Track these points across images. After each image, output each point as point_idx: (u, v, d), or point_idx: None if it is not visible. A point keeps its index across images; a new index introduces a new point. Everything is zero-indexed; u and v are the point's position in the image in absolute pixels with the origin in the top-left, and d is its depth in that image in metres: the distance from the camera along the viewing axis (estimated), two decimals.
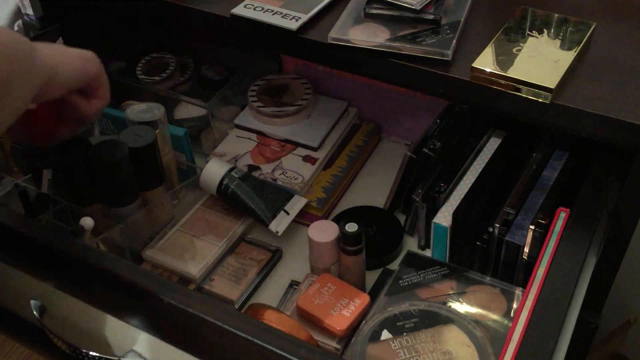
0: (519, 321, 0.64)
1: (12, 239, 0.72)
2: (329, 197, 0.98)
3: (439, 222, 0.84)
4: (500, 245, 0.81)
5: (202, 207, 0.98)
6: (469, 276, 0.83)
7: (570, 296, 0.65)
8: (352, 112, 1.10)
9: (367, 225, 0.94)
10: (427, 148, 0.90)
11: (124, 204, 0.86)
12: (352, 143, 1.07)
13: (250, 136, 1.06)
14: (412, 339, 0.75)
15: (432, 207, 0.86)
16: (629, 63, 0.77)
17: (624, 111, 0.70)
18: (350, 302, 0.79)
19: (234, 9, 0.87)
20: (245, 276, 0.90)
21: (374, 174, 1.06)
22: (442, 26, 0.82)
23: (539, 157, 0.88)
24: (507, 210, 0.81)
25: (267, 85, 1.11)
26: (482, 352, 0.73)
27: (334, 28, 0.82)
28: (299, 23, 0.83)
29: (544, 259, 0.70)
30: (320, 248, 0.83)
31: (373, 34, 0.81)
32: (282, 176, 0.99)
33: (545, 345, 0.60)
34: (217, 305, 0.63)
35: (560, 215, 0.75)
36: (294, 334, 0.71)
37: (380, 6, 0.84)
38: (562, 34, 0.80)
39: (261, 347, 0.59)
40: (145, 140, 0.85)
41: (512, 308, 0.78)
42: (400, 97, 1.05)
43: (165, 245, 0.92)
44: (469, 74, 0.76)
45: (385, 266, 0.91)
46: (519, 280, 0.82)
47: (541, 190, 0.84)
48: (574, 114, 0.72)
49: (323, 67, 1.09)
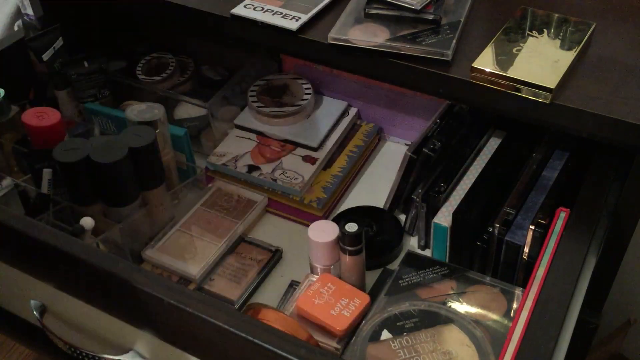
0: (519, 321, 0.64)
1: (12, 239, 0.72)
2: (329, 197, 0.98)
3: (439, 222, 0.84)
4: (500, 245, 0.81)
5: (202, 207, 0.98)
6: (469, 276, 0.83)
7: (570, 296, 0.65)
8: (352, 112, 1.10)
9: (367, 225, 0.94)
10: (427, 148, 0.90)
11: (124, 204, 0.86)
12: (352, 143, 1.07)
13: (250, 136, 1.06)
14: (412, 339, 0.75)
15: (432, 207, 0.86)
16: (629, 63, 0.77)
17: (624, 111, 0.70)
18: (350, 302, 0.79)
19: (234, 9, 0.87)
20: (245, 276, 0.90)
21: (374, 174, 1.06)
22: (442, 26, 0.82)
23: (539, 157, 0.88)
24: (507, 210, 0.81)
25: (267, 85, 1.11)
26: (482, 352, 0.73)
27: (334, 28, 0.82)
28: (299, 23, 0.83)
29: (544, 259, 0.70)
30: (320, 248, 0.83)
31: (373, 34, 0.81)
32: (282, 176, 0.99)
33: (545, 345, 0.60)
34: (217, 305, 0.63)
35: (560, 215, 0.75)
36: (294, 334, 0.71)
37: (380, 6, 0.84)
38: (562, 34, 0.80)
39: (261, 347, 0.59)
40: (145, 140, 0.85)
41: (512, 308, 0.78)
42: (400, 97, 1.05)
43: (165, 245, 0.92)
44: (469, 74, 0.76)
45: (385, 266, 0.91)
46: (519, 280, 0.82)
47: (541, 190, 0.84)
48: (574, 114, 0.72)
49: (323, 67, 1.09)
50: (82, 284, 0.71)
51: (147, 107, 0.92)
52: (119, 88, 1.09)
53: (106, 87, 1.06)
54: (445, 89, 0.78)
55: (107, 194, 0.86)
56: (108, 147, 0.83)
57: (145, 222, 0.91)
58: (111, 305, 0.71)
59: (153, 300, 0.64)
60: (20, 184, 0.89)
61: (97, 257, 0.67)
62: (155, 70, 1.16)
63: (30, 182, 0.88)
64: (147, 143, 0.84)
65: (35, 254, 0.73)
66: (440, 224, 0.84)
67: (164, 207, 0.93)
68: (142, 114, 0.91)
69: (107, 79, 1.07)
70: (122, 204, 0.86)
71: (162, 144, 0.91)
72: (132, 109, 0.92)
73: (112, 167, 0.82)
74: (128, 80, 1.09)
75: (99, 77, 1.05)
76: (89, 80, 1.04)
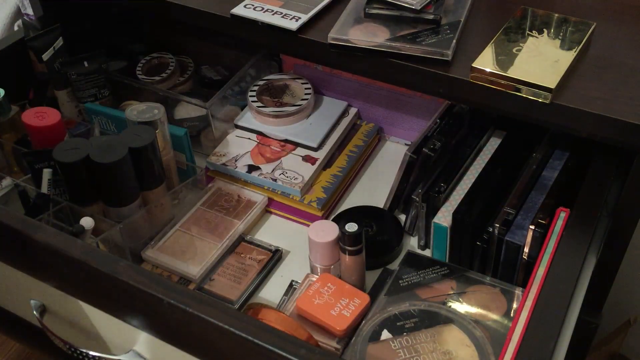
0: (519, 321, 0.64)
1: (12, 239, 0.72)
2: (329, 197, 0.98)
3: (439, 222, 0.84)
4: (500, 245, 0.81)
5: (202, 207, 0.98)
6: (469, 276, 0.83)
7: (570, 296, 0.65)
8: (352, 112, 1.10)
9: (367, 225, 0.94)
10: (427, 148, 0.90)
11: (124, 204, 0.86)
12: (352, 143, 1.07)
13: (250, 136, 1.06)
14: (412, 338, 0.75)
15: (432, 207, 0.86)
16: (629, 63, 0.77)
17: (624, 111, 0.70)
18: (350, 302, 0.79)
19: (234, 8, 0.87)
20: (245, 276, 0.90)
21: (374, 174, 1.06)
22: (442, 26, 0.82)
23: (539, 157, 0.88)
24: (507, 210, 0.81)
25: (267, 85, 1.11)
26: (482, 352, 0.73)
27: (334, 28, 0.82)
28: (299, 23, 0.83)
29: (544, 259, 0.70)
30: (320, 248, 0.83)
31: (373, 34, 0.81)
32: (282, 176, 0.99)
33: (545, 345, 0.60)
34: (217, 305, 0.63)
35: (560, 215, 0.75)
36: (294, 334, 0.71)
37: (380, 6, 0.84)
38: (562, 34, 0.80)
39: (261, 347, 0.59)
40: (145, 140, 0.85)
41: (512, 308, 0.78)
42: (400, 97, 1.05)
43: (165, 245, 0.92)
44: (469, 74, 0.76)
45: (385, 266, 0.91)
46: (519, 280, 0.82)
47: (541, 190, 0.84)
48: (574, 114, 0.72)
49: (323, 67, 1.09)
50: (82, 284, 0.71)
51: (147, 107, 0.92)
52: (119, 88, 1.09)
53: (106, 87, 1.06)
54: (445, 89, 0.78)
55: (107, 194, 0.86)
56: (108, 147, 0.83)
57: (145, 222, 0.91)
58: (111, 305, 0.71)
59: (153, 300, 0.64)
60: (20, 184, 0.89)
61: (97, 257, 0.67)
62: (155, 70, 1.16)
63: (30, 182, 0.88)
64: (147, 143, 0.84)
65: (35, 254, 0.73)
66: (440, 224, 0.84)
67: (164, 207, 0.93)
68: (142, 114, 0.91)
69: (107, 79, 1.07)
70: (122, 204, 0.86)
71: (162, 144, 0.91)
72: (132, 109, 0.92)
73: (112, 167, 0.82)
74: (128, 80, 1.09)
75: (99, 77, 1.05)
76: (89, 80, 1.04)
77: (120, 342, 0.76)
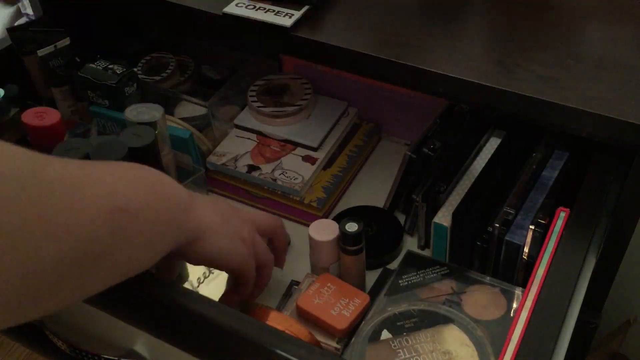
0: (519, 321, 0.64)
1: None
2: (329, 197, 0.98)
3: (439, 222, 0.84)
4: (500, 245, 0.81)
5: None
6: (469, 276, 0.83)
7: (570, 296, 0.65)
8: (352, 112, 1.10)
9: (367, 225, 0.94)
10: (427, 148, 0.90)
11: None
12: (352, 143, 1.07)
13: (250, 136, 1.06)
14: (412, 338, 0.75)
15: (432, 207, 0.86)
16: (629, 63, 0.77)
17: (624, 111, 0.70)
18: (350, 302, 0.79)
19: (226, 7, 0.86)
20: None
21: (374, 174, 1.06)
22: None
23: (539, 157, 0.88)
24: (507, 210, 0.81)
25: (267, 85, 1.11)
26: (482, 352, 0.73)
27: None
28: (293, 20, 0.82)
29: (544, 259, 0.70)
30: (320, 247, 0.83)
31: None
32: (282, 176, 0.99)
33: (545, 345, 0.60)
34: (217, 305, 0.63)
35: (560, 215, 0.75)
36: (294, 333, 0.71)
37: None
38: None
39: (261, 347, 0.59)
40: (145, 140, 0.85)
41: (512, 308, 0.78)
42: (400, 97, 1.05)
43: None
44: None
45: (385, 266, 0.91)
46: (519, 280, 0.82)
47: (541, 190, 0.84)
48: (573, 114, 0.72)
49: (323, 67, 1.09)
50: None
51: (146, 108, 0.92)
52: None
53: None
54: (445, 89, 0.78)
55: None
56: (108, 147, 0.83)
57: None
58: (111, 306, 0.71)
59: (153, 300, 0.64)
60: None
61: None
62: (155, 70, 1.16)
63: None
64: (146, 143, 0.84)
65: None
66: (440, 223, 0.84)
67: None
68: (141, 114, 0.91)
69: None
70: None
71: (162, 144, 0.91)
72: (132, 109, 0.92)
73: None
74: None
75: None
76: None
77: (120, 342, 0.76)
